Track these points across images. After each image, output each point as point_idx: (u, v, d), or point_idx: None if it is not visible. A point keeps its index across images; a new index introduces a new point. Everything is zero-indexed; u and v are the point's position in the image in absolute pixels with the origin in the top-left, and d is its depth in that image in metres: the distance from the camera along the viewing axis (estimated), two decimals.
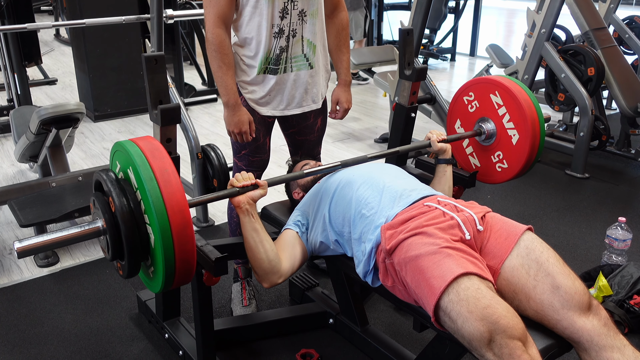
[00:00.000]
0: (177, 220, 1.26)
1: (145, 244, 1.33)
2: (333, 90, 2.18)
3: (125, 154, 1.34)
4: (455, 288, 1.32)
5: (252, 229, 1.61)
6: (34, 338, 2.07)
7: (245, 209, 1.59)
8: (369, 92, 5.88)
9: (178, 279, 1.34)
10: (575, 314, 1.38)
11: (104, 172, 1.38)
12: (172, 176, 1.29)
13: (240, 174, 1.62)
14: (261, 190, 1.60)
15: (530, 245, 1.48)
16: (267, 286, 1.66)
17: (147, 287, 1.46)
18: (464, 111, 2.14)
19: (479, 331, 1.26)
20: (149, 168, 1.28)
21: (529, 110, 1.94)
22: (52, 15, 10.08)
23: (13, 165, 3.74)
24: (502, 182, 2.13)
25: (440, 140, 1.98)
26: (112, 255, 1.37)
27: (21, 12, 3.75)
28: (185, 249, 1.29)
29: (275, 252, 1.64)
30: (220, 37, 1.87)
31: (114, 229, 1.32)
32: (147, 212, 1.28)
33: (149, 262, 1.37)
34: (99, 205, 1.35)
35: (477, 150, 2.15)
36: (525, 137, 1.96)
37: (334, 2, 2.08)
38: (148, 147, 1.33)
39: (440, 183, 1.98)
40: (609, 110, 5.07)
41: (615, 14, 4.54)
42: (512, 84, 1.98)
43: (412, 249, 1.43)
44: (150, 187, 1.26)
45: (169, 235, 1.26)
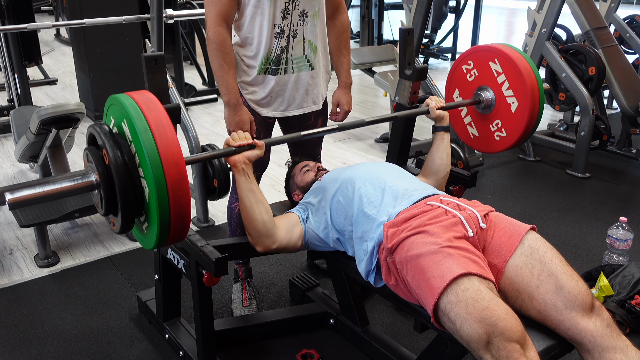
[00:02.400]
0: (172, 173, 1.24)
1: (139, 198, 1.30)
2: (333, 93, 2.17)
3: (119, 107, 1.31)
4: (454, 289, 1.31)
5: (248, 190, 1.61)
6: (34, 338, 2.07)
7: (241, 168, 1.59)
8: (370, 92, 5.87)
9: (172, 234, 1.31)
10: (579, 314, 1.37)
11: (98, 124, 1.35)
12: (168, 129, 1.27)
13: (236, 133, 1.62)
14: (258, 151, 1.61)
15: (534, 244, 1.48)
16: (260, 250, 1.67)
17: (141, 244, 1.42)
18: (462, 80, 2.14)
19: (477, 333, 1.26)
20: (144, 119, 1.25)
21: (529, 78, 1.94)
22: (52, 15, 10.08)
23: (13, 165, 3.74)
24: (500, 151, 2.13)
25: (439, 107, 1.99)
26: (106, 209, 1.33)
27: (21, 12, 3.75)
28: (180, 203, 1.26)
29: (270, 215, 1.65)
30: (222, 35, 1.86)
31: (108, 183, 1.29)
32: (142, 165, 1.26)
33: (143, 218, 1.34)
34: (93, 159, 1.32)
35: (476, 120, 2.15)
36: (525, 105, 1.96)
37: (335, 4, 2.08)
38: (143, 99, 1.31)
39: (439, 150, 1.99)
40: (610, 110, 5.07)
41: (616, 13, 4.54)
42: (512, 51, 1.98)
43: (414, 247, 1.43)
44: (145, 138, 1.23)
45: (163, 188, 1.23)
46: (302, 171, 1.98)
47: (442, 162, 1.99)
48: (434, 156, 2.00)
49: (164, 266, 1.95)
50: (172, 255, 1.81)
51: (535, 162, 3.92)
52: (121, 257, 2.63)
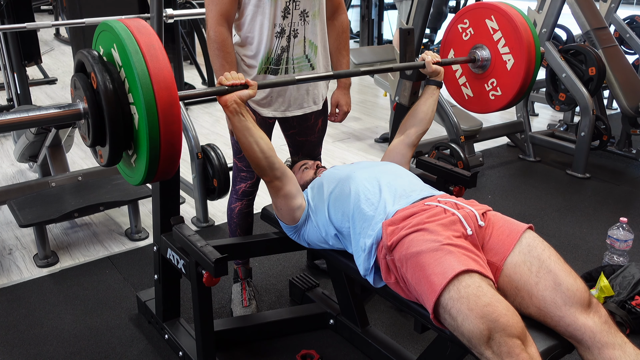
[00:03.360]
0: (163, 97, 1.20)
1: (128, 126, 1.25)
2: (333, 93, 2.17)
3: (110, 32, 1.27)
4: (456, 285, 1.31)
5: (244, 128, 1.61)
6: (33, 338, 2.06)
7: (233, 108, 1.58)
8: (370, 92, 5.87)
9: (162, 166, 1.27)
10: (577, 311, 1.38)
11: (86, 50, 1.31)
12: (159, 52, 1.23)
13: (229, 73, 1.61)
14: (250, 91, 1.60)
15: (532, 242, 1.48)
16: (267, 180, 1.70)
17: (128, 181, 1.38)
18: (458, 40, 2.15)
19: (478, 329, 1.25)
20: (135, 42, 1.22)
21: (525, 34, 1.94)
22: (52, 15, 10.07)
23: (13, 165, 3.73)
24: (496, 110, 2.13)
25: (435, 62, 2.00)
26: (93, 139, 1.29)
27: (21, 12, 3.75)
28: (171, 130, 1.23)
29: (271, 149, 1.66)
30: (223, 35, 1.86)
31: (96, 109, 1.25)
32: (132, 90, 1.22)
33: (132, 151, 1.30)
34: (80, 85, 1.27)
35: (471, 80, 2.16)
36: (521, 61, 1.96)
37: (335, 5, 2.08)
38: (134, 24, 1.27)
39: (426, 104, 2.01)
40: (610, 110, 5.07)
41: (616, 13, 4.54)
42: (509, 8, 1.99)
43: (414, 245, 1.43)
44: (136, 60, 1.20)
45: (154, 112, 1.19)
46: (301, 169, 1.98)
47: (425, 117, 2.00)
48: (419, 109, 2.01)
49: (163, 266, 1.95)
50: (172, 256, 1.80)
51: (535, 163, 3.92)
52: (120, 257, 2.63)
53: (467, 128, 3.54)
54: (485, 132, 3.81)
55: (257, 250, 2.08)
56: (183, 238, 1.70)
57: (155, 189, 1.90)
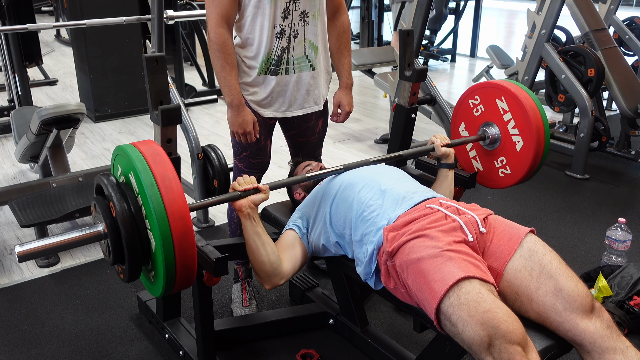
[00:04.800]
0: (178, 227, 1.26)
1: (146, 248, 1.33)
2: (335, 93, 2.18)
3: (126, 158, 1.34)
4: (456, 292, 1.32)
5: (254, 233, 1.61)
6: (34, 338, 2.07)
7: (246, 212, 1.59)
8: (370, 93, 5.88)
9: (179, 284, 1.34)
10: (578, 316, 1.38)
11: (105, 176, 1.38)
12: (174, 182, 1.29)
13: (242, 178, 1.62)
14: (263, 195, 1.61)
15: (533, 247, 1.48)
16: (268, 288, 1.67)
17: (148, 291, 1.46)
18: (469, 114, 2.14)
19: (478, 335, 1.26)
20: (150, 174, 1.28)
21: (535, 118, 1.93)
22: (52, 16, 10.09)
23: (14, 165, 3.74)
24: (505, 187, 2.12)
25: (444, 145, 1.98)
26: (114, 259, 1.37)
27: (22, 13, 3.75)
28: (186, 255, 1.29)
29: (276, 254, 1.65)
30: (224, 37, 1.87)
31: (115, 234, 1.32)
32: (148, 218, 1.28)
33: (150, 267, 1.37)
34: (100, 210, 1.35)
35: (481, 154, 2.15)
36: (530, 145, 1.95)
37: (336, 5, 2.08)
38: (149, 152, 1.33)
39: (442, 187, 1.98)
40: (609, 111, 5.08)
41: (616, 15, 4.55)
42: (519, 90, 1.98)
43: (414, 251, 1.44)
44: (152, 193, 1.26)
45: (169, 242, 1.26)
46: (305, 171, 1.98)
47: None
48: (437, 192, 1.92)
49: None
50: None
51: None
52: None
53: None
54: None
55: None
56: None
57: None
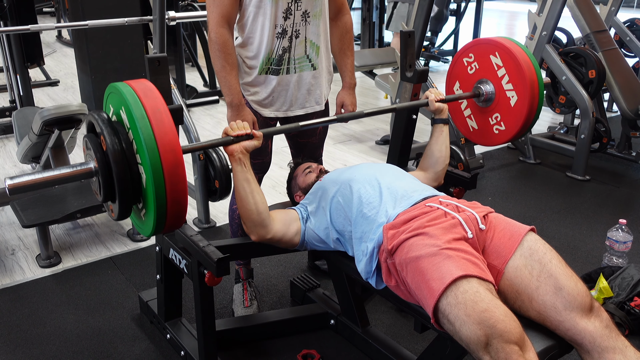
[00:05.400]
0: (168, 159, 1.26)
1: (137, 184, 1.32)
2: (338, 94, 2.18)
3: (118, 94, 1.34)
4: (453, 291, 1.32)
5: (244, 179, 1.63)
6: (36, 338, 2.08)
7: (238, 157, 1.61)
8: (370, 94, 5.88)
9: (169, 221, 1.33)
10: (578, 315, 1.38)
11: (96, 112, 1.38)
12: (165, 115, 1.29)
13: (235, 123, 1.64)
14: (255, 141, 1.63)
15: (534, 246, 1.49)
16: (254, 239, 1.69)
17: (139, 231, 1.45)
18: (463, 73, 2.16)
19: (476, 335, 1.26)
20: (141, 106, 1.28)
21: (529, 72, 1.96)
22: (54, 17, 10.10)
23: (15, 166, 3.75)
24: (500, 144, 2.15)
25: (438, 100, 2.01)
26: (104, 196, 1.36)
27: (24, 14, 3.77)
28: (177, 189, 1.29)
29: (265, 205, 1.67)
30: (224, 36, 1.87)
31: (106, 169, 1.32)
32: (139, 152, 1.28)
33: (141, 205, 1.37)
34: (91, 146, 1.34)
35: (475, 113, 2.17)
36: (524, 99, 1.97)
37: (338, 5, 2.09)
38: (141, 87, 1.34)
39: (437, 142, 2.01)
40: (610, 113, 5.08)
41: (616, 16, 4.55)
42: (513, 45, 2.00)
43: (413, 249, 1.44)
44: (142, 125, 1.26)
45: (160, 174, 1.25)
46: (305, 172, 1.99)
47: (441, 155, 2.01)
48: (433, 149, 2.02)
49: (165, 266, 1.96)
50: (174, 256, 1.82)
51: (535, 165, 3.93)
52: (123, 257, 2.64)
53: None
54: None
55: (258, 251, 2.09)
56: (185, 238, 1.72)
57: None
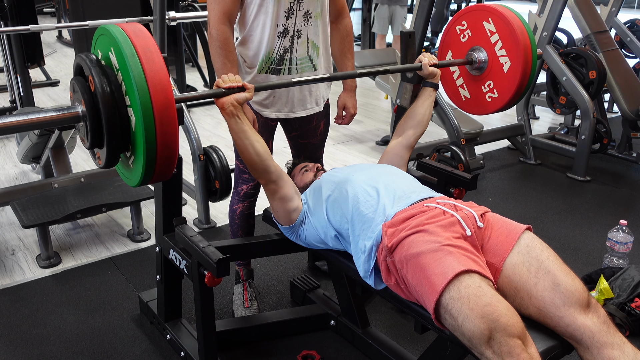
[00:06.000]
0: (159, 99, 1.22)
1: (125, 128, 1.28)
2: (339, 96, 2.19)
3: (107, 36, 1.30)
4: (456, 285, 1.32)
5: (240, 131, 1.63)
6: (35, 338, 2.07)
7: (229, 110, 1.60)
8: (371, 95, 5.88)
9: (159, 167, 1.29)
10: (577, 311, 1.39)
11: (84, 54, 1.34)
12: (155, 55, 1.26)
13: (227, 75, 1.62)
14: (247, 93, 1.62)
15: (531, 243, 1.50)
16: (263, 183, 1.73)
17: (126, 182, 1.41)
18: (456, 41, 2.17)
19: (479, 329, 1.26)
20: (131, 45, 1.25)
21: (522, 36, 1.97)
22: (54, 17, 10.11)
23: (15, 166, 3.75)
24: (492, 112, 2.16)
25: (432, 64, 2.02)
26: (91, 141, 1.32)
27: (24, 14, 3.76)
28: (167, 131, 1.25)
29: (267, 152, 1.69)
30: (225, 33, 1.87)
31: (94, 111, 1.28)
32: (129, 92, 1.24)
33: (129, 153, 1.33)
34: (79, 88, 1.30)
35: (468, 81, 2.18)
36: (517, 64, 1.98)
37: (339, 8, 2.09)
38: (131, 27, 1.31)
39: (423, 106, 2.03)
40: (611, 114, 5.08)
41: (617, 17, 4.55)
42: (507, 11, 2.01)
43: (414, 246, 1.44)
44: (132, 63, 1.22)
45: (150, 114, 1.22)
46: (302, 172, 1.99)
47: (424, 118, 2.03)
48: (417, 111, 2.03)
49: (165, 267, 1.96)
50: (174, 256, 1.82)
51: (535, 165, 3.93)
52: (123, 257, 2.64)
53: (467, 131, 3.55)
54: (486, 135, 3.82)
55: (258, 252, 2.09)
56: (185, 239, 1.71)
57: (157, 191, 1.92)
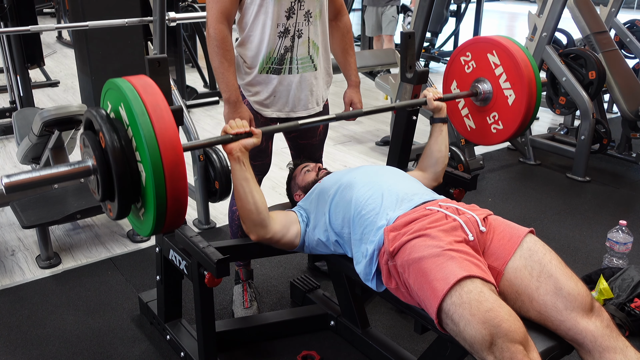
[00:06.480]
0: (169, 156, 1.23)
1: (136, 182, 1.29)
2: (345, 92, 2.20)
3: (117, 91, 1.31)
4: (458, 291, 1.32)
5: (243, 178, 1.62)
6: (35, 339, 2.07)
7: (237, 156, 1.60)
8: (371, 95, 5.88)
9: (169, 220, 1.31)
10: (579, 315, 1.38)
11: (94, 109, 1.34)
12: (165, 112, 1.26)
13: (234, 121, 1.63)
14: (254, 139, 1.62)
15: (533, 247, 1.49)
16: (254, 238, 1.68)
17: (137, 231, 1.42)
18: (460, 72, 2.16)
19: (480, 334, 1.26)
20: (141, 102, 1.26)
21: (527, 70, 1.95)
22: (54, 18, 10.11)
23: (15, 167, 3.75)
24: (497, 143, 2.14)
25: (437, 98, 2.00)
26: (102, 195, 1.32)
27: (24, 15, 3.77)
28: (177, 187, 1.26)
29: (265, 205, 1.66)
30: (223, 32, 1.87)
31: (104, 167, 1.29)
32: (139, 149, 1.25)
33: (140, 204, 1.34)
34: (89, 143, 1.31)
35: (473, 112, 2.17)
36: (521, 97, 1.97)
37: (337, 7, 2.09)
38: (140, 83, 1.31)
39: (437, 142, 2.01)
40: (610, 114, 5.08)
41: (617, 17, 4.55)
42: (511, 44, 2.00)
43: (415, 251, 1.44)
44: (142, 121, 1.23)
45: (160, 172, 1.23)
46: (303, 172, 1.99)
47: (441, 155, 2.01)
48: (432, 148, 2.01)
49: (165, 267, 1.96)
50: (174, 257, 1.82)
51: (535, 166, 3.93)
52: (122, 258, 2.64)
53: None
54: None
55: (258, 252, 2.08)
56: (185, 239, 1.72)
57: None
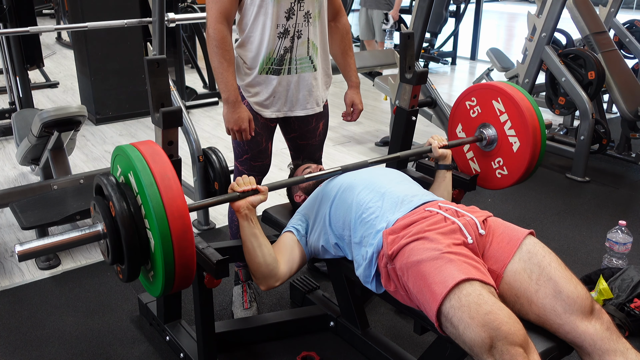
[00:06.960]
0: (177, 226, 1.27)
1: (145, 248, 1.33)
2: (346, 93, 2.20)
3: (126, 158, 1.35)
4: (457, 294, 1.32)
5: (251, 234, 1.61)
6: (35, 340, 2.07)
7: (244, 213, 1.60)
8: (370, 96, 5.88)
9: (178, 283, 1.34)
10: (578, 318, 1.38)
11: (105, 176, 1.39)
12: (173, 181, 1.30)
13: (241, 178, 1.63)
14: (261, 196, 1.62)
15: (533, 249, 1.49)
16: (264, 289, 1.68)
17: (147, 291, 1.46)
18: (465, 116, 2.15)
19: (480, 337, 1.26)
20: (150, 173, 1.29)
21: (531, 118, 1.94)
22: (54, 19, 10.10)
23: (15, 168, 3.75)
24: (502, 189, 2.13)
25: (442, 146, 1.99)
26: (112, 259, 1.37)
27: (23, 16, 3.76)
28: (185, 254, 1.29)
29: (273, 256, 1.65)
30: (222, 32, 1.87)
31: (114, 233, 1.33)
32: (148, 217, 1.29)
33: (149, 267, 1.38)
34: (99, 210, 1.36)
35: (478, 156, 2.15)
36: (526, 145, 1.96)
37: (336, 8, 2.10)
38: (149, 151, 1.34)
39: (440, 188, 1.98)
40: (610, 114, 5.08)
41: (616, 18, 4.56)
42: (515, 91, 1.99)
43: (414, 254, 1.44)
44: (151, 192, 1.26)
45: (168, 241, 1.26)
46: (304, 173, 1.99)
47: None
48: (435, 194, 1.93)
49: None
50: None
51: None
52: None
53: None
54: None
55: None
56: None
57: None
